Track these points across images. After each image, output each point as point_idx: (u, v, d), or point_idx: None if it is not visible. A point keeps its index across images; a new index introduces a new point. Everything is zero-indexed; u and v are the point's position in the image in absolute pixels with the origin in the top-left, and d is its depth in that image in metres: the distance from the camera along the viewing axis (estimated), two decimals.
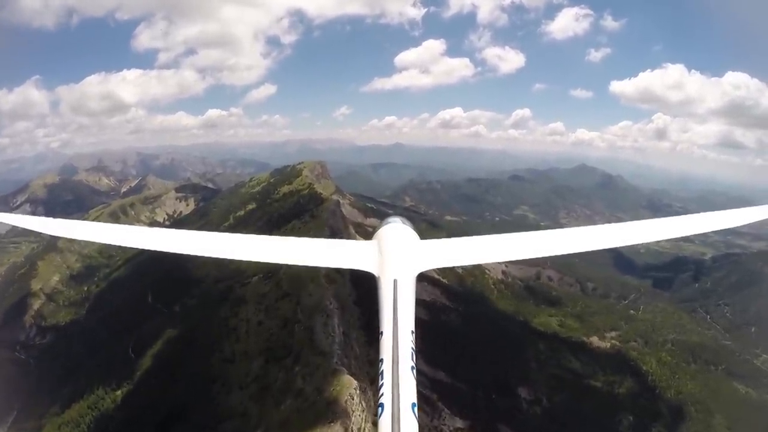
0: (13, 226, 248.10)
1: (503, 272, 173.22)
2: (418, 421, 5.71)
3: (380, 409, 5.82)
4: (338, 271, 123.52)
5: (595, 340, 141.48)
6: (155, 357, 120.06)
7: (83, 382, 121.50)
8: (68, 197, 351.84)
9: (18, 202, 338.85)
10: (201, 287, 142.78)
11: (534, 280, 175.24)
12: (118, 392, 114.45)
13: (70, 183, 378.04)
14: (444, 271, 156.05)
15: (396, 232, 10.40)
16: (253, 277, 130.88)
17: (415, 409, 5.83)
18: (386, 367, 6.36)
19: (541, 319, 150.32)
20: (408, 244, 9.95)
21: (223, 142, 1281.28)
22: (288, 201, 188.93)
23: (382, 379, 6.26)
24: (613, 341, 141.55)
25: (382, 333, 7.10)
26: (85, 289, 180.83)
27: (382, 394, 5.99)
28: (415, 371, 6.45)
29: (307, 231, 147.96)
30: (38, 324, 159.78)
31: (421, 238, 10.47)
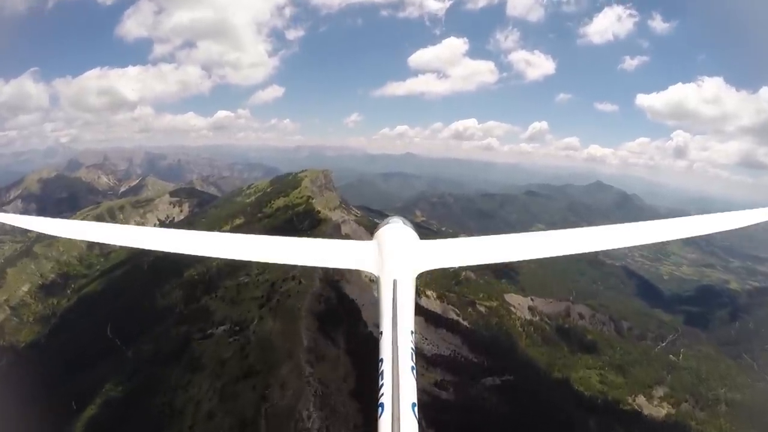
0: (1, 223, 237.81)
1: (530, 308, 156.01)
2: (418, 421, 5.70)
3: (380, 409, 5.82)
4: (333, 341, 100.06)
5: (643, 402, 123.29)
6: (89, 425, 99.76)
7: None
8: (62, 194, 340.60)
9: (11, 197, 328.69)
10: (162, 326, 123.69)
11: (564, 317, 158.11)
12: None
13: (66, 180, 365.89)
14: (464, 311, 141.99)
15: (396, 232, 10.36)
16: (219, 327, 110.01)
17: (415, 409, 5.81)
18: (386, 367, 6.34)
19: (579, 374, 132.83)
20: (408, 245, 9.89)
21: (233, 144, 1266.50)
22: (279, 218, 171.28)
23: (382, 379, 6.24)
24: (664, 404, 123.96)
25: (381, 333, 7.11)
26: (54, 302, 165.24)
27: (382, 394, 5.98)
28: (415, 371, 6.46)
29: None
30: None
31: None
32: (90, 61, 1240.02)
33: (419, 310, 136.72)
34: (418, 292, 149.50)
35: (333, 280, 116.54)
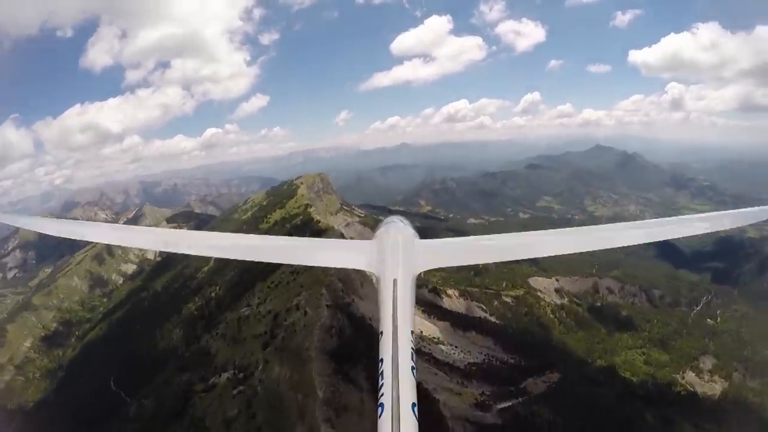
0: (2, 276, 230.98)
1: (557, 290, 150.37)
2: (418, 421, 5.71)
3: (380, 409, 5.83)
4: (354, 383, 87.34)
5: (694, 380, 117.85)
6: None
7: None
8: (58, 239, 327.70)
9: (9, 248, 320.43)
10: (164, 373, 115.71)
11: (593, 294, 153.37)
12: None
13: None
14: (490, 305, 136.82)
15: (396, 232, 10.37)
16: (222, 374, 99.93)
17: (415, 409, 5.82)
18: (386, 367, 6.37)
19: (622, 357, 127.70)
20: (407, 244, 9.88)
21: (227, 160, 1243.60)
22: (276, 233, 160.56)
23: (382, 379, 6.27)
24: (716, 377, 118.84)
25: (382, 333, 7.13)
26: (60, 354, 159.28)
27: (382, 394, 5.99)
28: (415, 371, 6.46)
29: (296, 285, 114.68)
30: (4, 407, 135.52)
31: None
32: (66, 100, 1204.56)
33: (443, 315, 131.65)
34: (439, 293, 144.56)
35: (343, 303, 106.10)
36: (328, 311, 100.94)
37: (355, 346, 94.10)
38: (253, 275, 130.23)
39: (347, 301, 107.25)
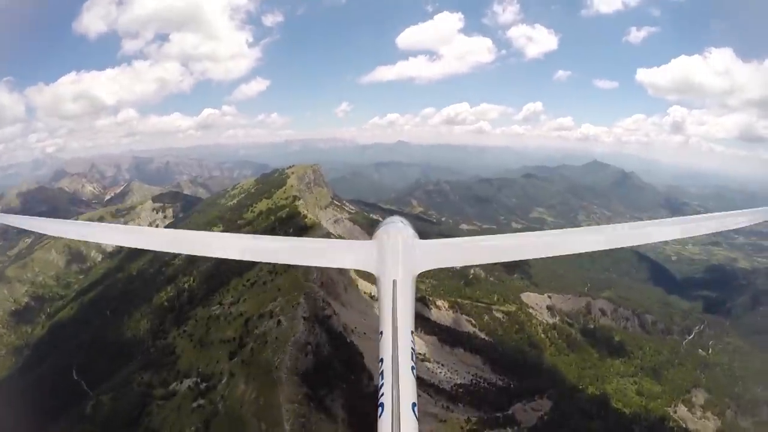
0: None
1: (549, 308, 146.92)
2: (418, 421, 5.72)
3: (380, 409, 5.83)
4: (327, 411, 79.46)
5: (686, 415, 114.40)
6: None
7: None
8: (42, 208, 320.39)
9: None
10: (127, 368, 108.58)
11: (585, 315, 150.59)
12: None
13: (47, 191, 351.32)
14: (480, 320, 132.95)
15: (395, 232, 10.25)
16: (184, 380, 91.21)
17: (415, 409, 5.85)
18: (386, 367, 6.37)
19: (614, 385, 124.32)
20: (407, 245, 9.79)
21: (223, 143, 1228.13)
22: (260, 224, 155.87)
23: (382, 379, 6.29)
24: (708, 413, 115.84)
25: (381, 333, 7.13)
26: (29, 331, 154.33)
27: (382, 394, 5.99)
28: (415, 371, 6.47)
29: (273, 287, 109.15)
30: None
31: None
32: (60, 66, 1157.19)
33: (430, 329, 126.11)
34: (427, 303, 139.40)
35: (323, 315, 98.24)
36: (305, 325, 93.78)
37: (332, 366, 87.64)
38: (230, 268, 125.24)
39: (327, 314, 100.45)
